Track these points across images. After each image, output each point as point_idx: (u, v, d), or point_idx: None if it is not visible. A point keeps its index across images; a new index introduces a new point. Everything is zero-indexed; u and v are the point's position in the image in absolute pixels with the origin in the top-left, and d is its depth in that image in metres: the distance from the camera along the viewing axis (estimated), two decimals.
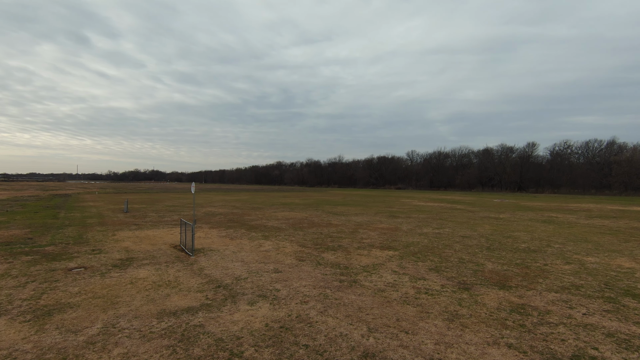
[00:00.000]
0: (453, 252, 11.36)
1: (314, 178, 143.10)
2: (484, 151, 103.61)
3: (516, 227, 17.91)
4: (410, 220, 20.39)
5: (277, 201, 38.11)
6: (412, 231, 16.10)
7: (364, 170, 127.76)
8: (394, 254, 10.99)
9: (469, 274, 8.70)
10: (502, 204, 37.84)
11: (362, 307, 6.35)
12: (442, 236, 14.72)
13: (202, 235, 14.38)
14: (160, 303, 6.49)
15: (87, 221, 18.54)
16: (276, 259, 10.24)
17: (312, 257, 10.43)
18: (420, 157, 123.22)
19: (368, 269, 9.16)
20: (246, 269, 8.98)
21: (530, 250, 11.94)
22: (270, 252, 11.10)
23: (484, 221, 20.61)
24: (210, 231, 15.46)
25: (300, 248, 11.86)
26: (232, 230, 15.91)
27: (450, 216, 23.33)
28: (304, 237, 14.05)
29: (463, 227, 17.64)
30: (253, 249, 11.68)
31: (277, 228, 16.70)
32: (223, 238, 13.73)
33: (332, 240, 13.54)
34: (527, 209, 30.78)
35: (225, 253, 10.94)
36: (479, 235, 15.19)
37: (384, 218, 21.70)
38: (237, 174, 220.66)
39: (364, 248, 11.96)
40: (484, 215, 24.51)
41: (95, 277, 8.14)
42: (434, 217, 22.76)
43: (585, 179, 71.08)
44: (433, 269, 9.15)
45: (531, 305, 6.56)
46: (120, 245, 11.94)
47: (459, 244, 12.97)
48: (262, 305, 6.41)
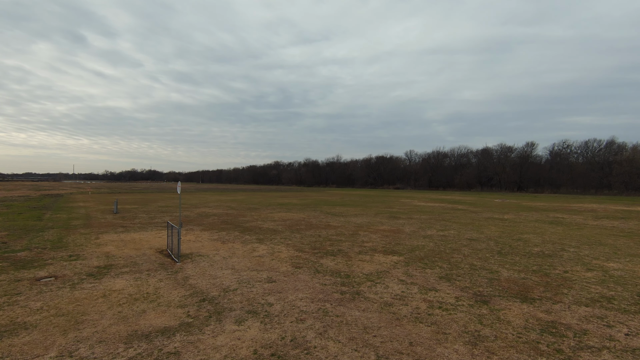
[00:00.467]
0: (462, 257, 10.48)
1: (312, 178, 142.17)
2: (483, 151, 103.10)
3: (524, 229, 17.07)
4: (413, 222, 19.53)
5: (274, 201, 37.18)
6: (415, 233, 15.23)
7: (362, 170, 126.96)
8: (399, 260, 10.10)
9: (484, 284, 7.82)
10: (503, 204, 37.09)
11: (368, 327, 5.45)
12: (448, 239, 13.85)
13: (192, 238, 13.44)
14: (132, 322, 5.57)
15: (72, 223, 17.54)
16: (270, 265, 9.32)
17: (309, 264, 9.52)
18: (418, 157, 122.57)
19: (372, 277, 8.26)
20: (236, 278, 8.06)
21: (545, 254, 11.09)
22: (265, 258, 10.19)
23: (489, 222, 19.77)
24: (201, 234, 14.52)
25: (297, 253, 10.95)
26: (224, 232, 14.97)
27: (453, 217, 22.49)
28: (301, 241, 13.14)
29: (468, 229, 16.79)
30: (246, 254, 10.75)
31: (273, 230, 15.79)
32: (214, 242, 12.79)
33: (331, 243, 12.64)
34: (531, 209, 30.01)
35: (215, 259, 10.01)
36: (486, 237, 14.34)
37: (385, 219, 20.82)
38: (235, 173, 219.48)
39: (366, 253, 11.06)
40: (488, 215, 23.69)
41: (65, 288, 7.19)
42: (436, 218, 21.91)
43: (585, 179, 70.58)
44: (444, 278, 8.27)
45: (563, 322, 5.68)
46: (102, 251, 10.99)
47: (467, 247, 12.10)
48: (251, 325, 5.50)
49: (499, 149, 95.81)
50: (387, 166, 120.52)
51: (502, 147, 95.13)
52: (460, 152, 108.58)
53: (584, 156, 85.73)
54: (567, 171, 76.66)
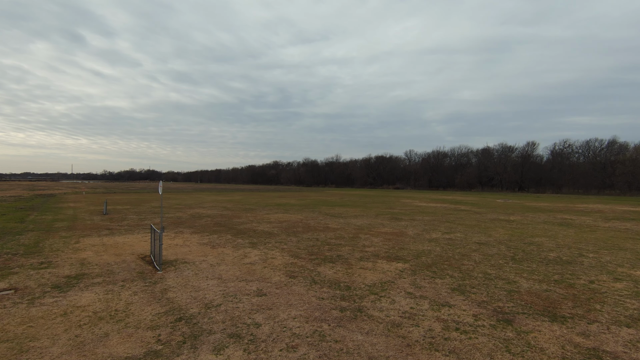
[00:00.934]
0: (474, 265, 9.54)
1: (311, 178, 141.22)
2: (483, 150, 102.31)
3: (533, 232, 16.15)
4: (416, 223, 18.59)
5: (272, 202, 36.22)
6: (419, 236, 14.29)
7: (361, 170, 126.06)
8: (404, 267, 9.16)
9: (504, 297, 6.89)
10: (506, 204, 36.19)
11: (374, 358, 4.50)
12: (455, 243, 12.92)
13: (181, 242, 12.48)
14: (89, 350, 4.61)
15: (55, 225, 16.56)
16: (262, 274, 8.37)
17: (305, 272, 8.57)
18: (418, 157, 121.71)
19: (375, 289, 7.32)
20: (222, 291, 7.10)
21: (563, 261, 10.15)
22: (256, 266, 9.23)
23: (495, 224, 18.85)
24: (191, 237, 13.56)
25: (292, 259, 10.00)
26: (216, 236, 14.01)
27: (457, 218, 21.56)
28: (297, 245, 12.19)
29: (475, 232, 15.85)
30: (236, 260, 9.80)
31: (268, 233, 14.83)
32: (204, 246, 11.83)
33: (329, 248, 11.68)
34: (536, 209, 29.11)
35: (201, 266, 9.06)
36: (496, 241, 13.41)
37: (386, 221, 19.88)
38: (234, 173, 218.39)
39: (367, 259, 10.12)
40: (493, 217, 22.77)
41: (21, 304, 6.23)
42: (440, 219, 20.98)
43: (587, 179, 69.77)
44: (456, 289, 7.32)
45: (607, 350, 4.74)
46: (78, 257, 10.02)
47: (477, 253, 11.17)
48: (232, 354, 4.54)
49: (500, 148, 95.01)
50: (387, 166, 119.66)
51: (502, 147, 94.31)
52: (460, 152, 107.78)
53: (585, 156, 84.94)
54: (568, 171, 75.85)
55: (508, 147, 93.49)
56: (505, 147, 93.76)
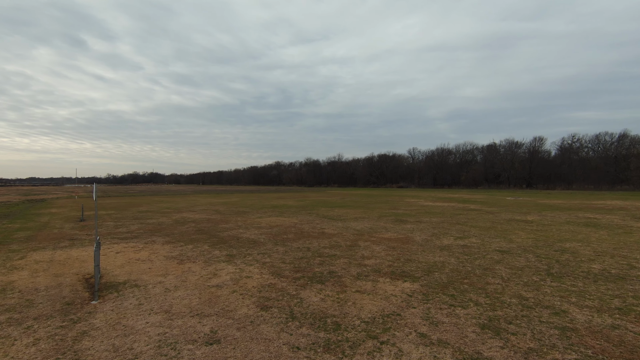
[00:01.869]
0: (502, 284, 7.48)
1: (313, 178, 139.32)
2: (489, 147, 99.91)
3: (560, 235, 14.03)
4: (423, 227, 16.52)
5: (269, 203, 34.26)
6: (428, 243, 12.24)
7: (364, 169, 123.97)
8: (413, 289, 7.13)
9: (558, 340, 4.83)
10: (518, 202, 33.96)
11: None
12: (472, 251, 10.85)
13: (145, 255, 10.52)
14: None
15: (15, 235, 14.68)
16: (226, 304, 6.37)
17: (284, 300, 6.56)
18: (422, 155, 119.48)
19: (375, 328, 5.29)
20: (161, 335, 5.11)
21: (613, 276, 8.06)
22: (223, 290, 7.24)
23: (512, 225, 16.73)
24: (161, 248, 11.59)
25: (271, 279, 7.99)
26: (191, 246, 12.04)
27: (468, 219, 19.45)
28: (283, 257, 10.18)
29: (492, 236, 13.77)
30: (201, 281, 7.81)
31: (253, 242, 12.84)
32: (170, 261, 9.86)
33: (321, 261, 9.67)
34: (552, 208, 26.88)
35: (152, 292, 7.08)
36: (520, 248, 11.32)
37: (390, 224, 17.83)
38: (235, 174, 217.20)
39: (366, 276, 8.09)
40: (508, 217, 20.62)
41: None
42: (449, 220, 18.88)
43: (598, 174, 67.18)
44: (488, 327, 5.28)
45: None
46: (6, 279, 8.08)
47: (502, 265, 9.10)
48: None
49: (506, 144, 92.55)
50: (390, 164, 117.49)
51: (509, 143, 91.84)
52: (465, 149, 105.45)
53: (595, 150, 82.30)
54: (579, 166, 73.28)
55: (515, 143, 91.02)
56: (512, 142, 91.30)
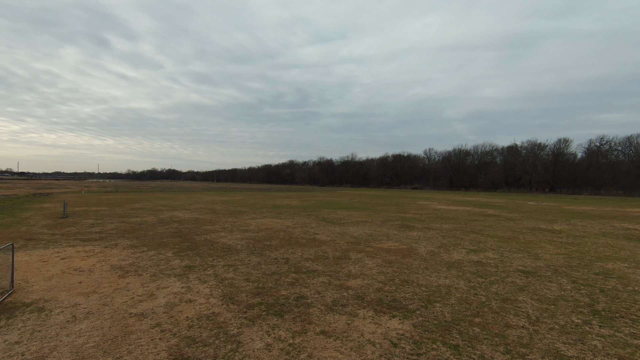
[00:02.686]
0: (529, 327, 5.35)
1: (326, 177, 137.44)
2: (509, 148, 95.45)
3: (597, 250, 11.60)
4: (431, 235, 14.33)
5: (271, 202, 32.57)
6: (434, 257, 10.11)
7: (377, 169, 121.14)
8: (402, 331, 5.10)
9: None
10: (542, 207, 30.99)
11: None
12: (488, 271, 8.67)
13: (89, 264, 8.86)
14: None
15: None
16: (129, 349, 4.53)
17: (213, 347, 4.66)
18: (438, 155, 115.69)
19: None
20: None
21: None
22: (144, 322, 5.41)
23: (537, 236, 14.31)
24: (114, 255, 9.93)
25: (217, 306, 6.12)
26: (152, 253, 10.34)
27: (485, 227, 17.08)
28: (250, 272, 8.31)
29: (513, 249, 11.48)
30: (125, 306, 6.02)
31: (227, 249, 11.04)
32: (112, 273, 8.15)
33: (294, 280, 7.74)
34: (582, 215, 24.00)
35: (49, 322, 5.33)
36: (549, 268, 9.05)
37: (394, 230, 15.70)
38: (249, 173, 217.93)
39: (343, 307, 6.11)
40: (532, 225, 18.10)
41: None
42: (463, 228, 16.57)
43: (630, 179, 62.38)
44: None
45: None
46: None
47: (527, 294, 6.92)
48: None
49: (528, 146, 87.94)
50: (405, 165, 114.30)
51: (531, 144, 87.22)
52: (484, 150, 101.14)
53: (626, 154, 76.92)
54: (607, 170, 68.44)
55: (537, 145, 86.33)
56: (535, 144, 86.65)
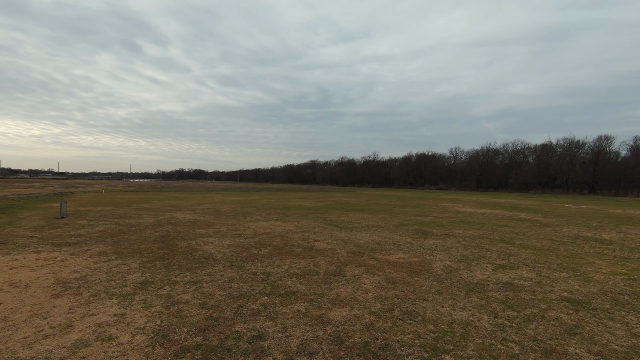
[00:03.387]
0: None
1: (347, 177, 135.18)
2: (543, 147, 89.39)
3: None
4: (450, 244, 12.18)
5: (283, 203, 31.12)
6: (452, 275, 8.09)
7: (400, 169, 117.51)
8: None
9: None
10: (582, 211, 27.57)
11: None
12: (522, 299, 6.58)
13: (31, 277, 7.57)
14: None
15: None
16: None
17: None
18: (465, 155, 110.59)
19: None
20: None
21: None
22: None
23: (583, 248, 11.81)
24: (73, 264, 8.64)
25: (139, 350, 4.51)
26: (117, 262, 8.97)
27: (516, 234, 14.65)
28: (210, 295, 6.69)
29: (554, 265, 9.21)
30: (19, 345, 4.54)
31: (204, 260, 9.51)
32: (50, 290, 6.77)
33: (260, 308, 6.02)
34: (633, 221, 20.73)
35: None
36: (606, 296, 6.82)
37: (407, 237, 13.66)
38: (272, 172, 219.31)
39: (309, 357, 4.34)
40: (573, 233, 15.44)
41: None
42: (490, 235, 14.25)
43: None
44: None
45: None
46: None
47: (579, 342, 4.83)
48: None
49: (565, 144, 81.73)
50: (429, 164, 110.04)
51: (568, 142, 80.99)
52: (514, 149, 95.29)
53: None
54: None
55: (575, 143, 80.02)
56: (572, 142, 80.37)
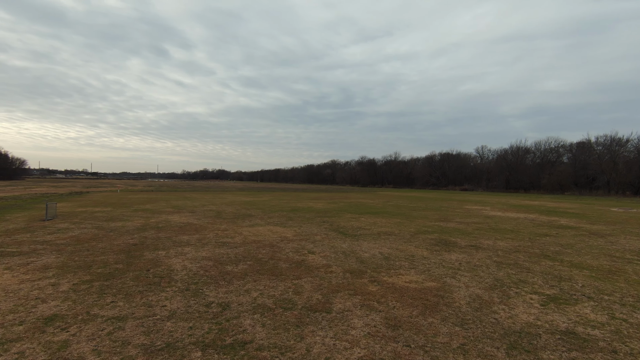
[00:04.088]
0: None
1: (367, 177, 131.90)
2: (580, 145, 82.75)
3: None
4: (478, 261, 9.63)
5: (293, 205, 29.12)
6: (480, 317, 5.66)
7: (423, 169, 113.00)
8: None
9: None
10: (633, 216, 23.77)
11: None
12: None
13: None
14: None
15: None
16: None
17: None
18: (492, 154, 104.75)
19: None
20: None
21: None
22: None
23: None
24: (3, 282, 6.90)
25: None
26: (51, 281, 7.14)
27: (561, 246, 11.81)
28: (124, 342, 4.64)
29: (626, 297, 6.55)
30: None
31: (158, 280, 7.54)
32: None
33: None
34: None
35: None
36: None
37: (424, 249, 11.19)
38: (292, 173, 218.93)
39: None
40: (636, 246, 12.38)
41: None
42: (528, 248, 11.52)
43: None
44: None
45: None
46: None
47: None
48: None
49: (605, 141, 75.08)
50: (453, 164, 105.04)
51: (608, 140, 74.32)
52: (547, 147, 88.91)
53: None
54: None
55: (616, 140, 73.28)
56: (613, 139, 73.65)
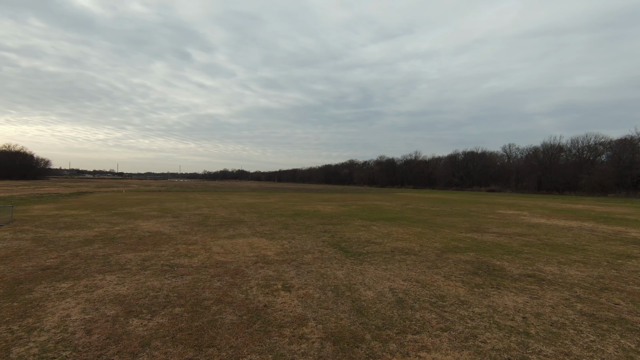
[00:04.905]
0: None
1: (386, 177, 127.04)
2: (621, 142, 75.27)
3: None
4: (553, 311, 5.89)
5: (297, 208, 25.79)
6: None
7: (445, 169, 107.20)
8: None
9: None
10: None
11: None
12: None
13: None
14: None
15: None
16: None
17: None
18: (521, 153, 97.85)
19: None
20: None
21: None
22: None
23: None
24: None
25: None
26: None
27: None
28: None
29: None
30: None
31: None
32: None
33: None
34: None
35: None
36: None
37: (457, 281, 7.52)
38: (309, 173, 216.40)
39: None
40: None
41: None
42: (617, 284, 7.62)
43: None
44: None
45: None
46: None
47: None
48: None
49: None
50: (478, 163, 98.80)
51: None
52: (585, 144, 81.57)
53: None
54: None
55: None
56: None
